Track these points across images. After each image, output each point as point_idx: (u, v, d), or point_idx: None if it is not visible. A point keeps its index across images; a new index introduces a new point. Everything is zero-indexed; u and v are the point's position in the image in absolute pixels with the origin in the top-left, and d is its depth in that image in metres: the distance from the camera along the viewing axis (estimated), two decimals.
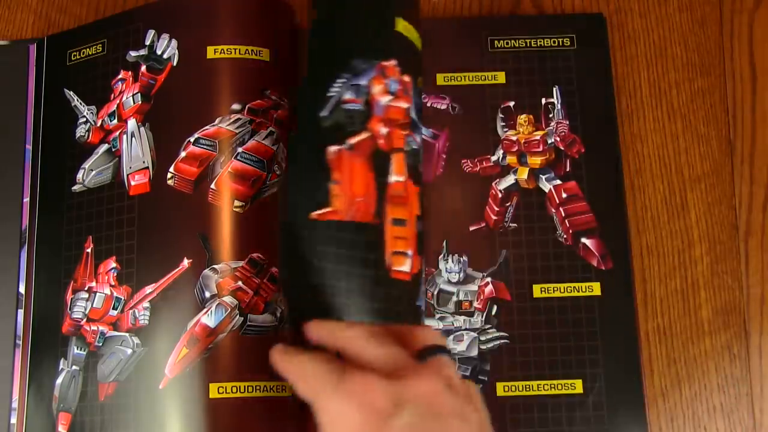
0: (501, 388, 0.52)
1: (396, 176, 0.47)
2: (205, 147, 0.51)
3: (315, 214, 0.45)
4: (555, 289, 0.53)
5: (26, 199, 0.57)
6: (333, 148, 0.46)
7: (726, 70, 0.59)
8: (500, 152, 0.56)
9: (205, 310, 0.49)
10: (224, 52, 0.53)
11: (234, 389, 0.48)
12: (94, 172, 0.55)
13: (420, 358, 0.40)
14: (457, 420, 0.38)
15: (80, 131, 0.56)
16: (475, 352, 0.52)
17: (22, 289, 0.55)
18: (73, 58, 0.57)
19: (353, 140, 0.46)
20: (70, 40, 0.58)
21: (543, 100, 0.57)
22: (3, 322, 0.54)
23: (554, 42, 0.57)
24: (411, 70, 0.49)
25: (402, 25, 0.49)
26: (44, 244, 0.55)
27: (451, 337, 0.53)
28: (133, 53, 0.55)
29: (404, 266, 0.46)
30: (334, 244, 0.45)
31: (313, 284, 0.45)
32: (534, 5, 0.60)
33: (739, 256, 0.56)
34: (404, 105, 0.48)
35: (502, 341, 0.52)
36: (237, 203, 0.51)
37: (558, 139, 0.56)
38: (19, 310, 0.55)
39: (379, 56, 0.48)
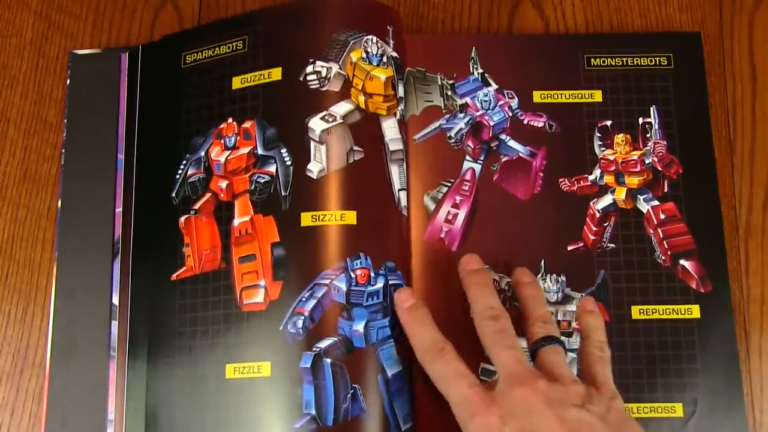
0: None
1: (239, 218, 0.52)
2: None
3: (173, 276, 0.53)
4: (654, 311, 0.53)
5: (119, 209, 0.56)
6: (182, 218, 0.54)
7: (726, 70, 0.59)
8: (598, 171, 0.55)
9: None
10: None
11: None
12: None
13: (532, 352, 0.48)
14: (564, 410, 0.43)
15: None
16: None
17: (116, 300, 0.55)
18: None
19: (197, 205, 0.54)
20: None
21: (640, 120, 0.56)
22: (97, 334, 0.54)
23: (651, 61, 0.57)
24: (252, 111, 0.53)
25: (238, 80, 0.54)
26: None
27: None
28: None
29: (255, 298, 0.50)
30: (189, 297, 0.52)
31: (177, 332, 0.52)
32: (534, 4, 0.60)
33: (739, 256, 0.56)
34: (245, 150, 0.53)
35: None
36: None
37: (656, 159, 0.56)
38: (113, 321, 0.54)
39: (214, 124, 0.54)
